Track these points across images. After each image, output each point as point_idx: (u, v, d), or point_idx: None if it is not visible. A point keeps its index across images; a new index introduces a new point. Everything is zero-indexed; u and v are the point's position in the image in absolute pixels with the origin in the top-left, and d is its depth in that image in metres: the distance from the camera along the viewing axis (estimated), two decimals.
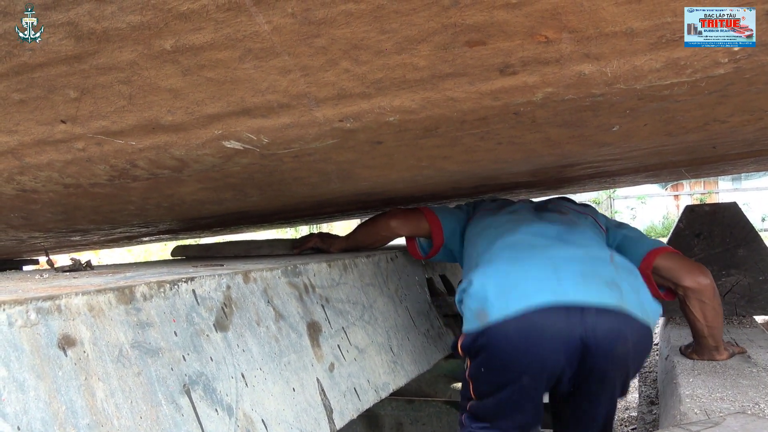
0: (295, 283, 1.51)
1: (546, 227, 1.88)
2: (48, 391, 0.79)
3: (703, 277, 1.98)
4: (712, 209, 3.44)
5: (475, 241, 1.98)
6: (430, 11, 0.80)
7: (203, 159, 1.24)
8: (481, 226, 2.05)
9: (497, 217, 2.05)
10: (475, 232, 2.05)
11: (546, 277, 1.59)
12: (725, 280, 3.26)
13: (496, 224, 1.99)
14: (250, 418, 1.13)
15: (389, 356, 1.83)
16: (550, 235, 1.83)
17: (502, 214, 2.06)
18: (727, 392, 1.89)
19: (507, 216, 2.04)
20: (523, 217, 2.00)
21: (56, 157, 1.22)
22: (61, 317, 0.86)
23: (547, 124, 1.20)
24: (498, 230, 1.92)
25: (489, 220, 2.07)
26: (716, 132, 1.45)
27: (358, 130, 1.12)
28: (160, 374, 0.98)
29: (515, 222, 1.95)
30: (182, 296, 1.11)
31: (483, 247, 1.87)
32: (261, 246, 2.40)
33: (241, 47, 0.88)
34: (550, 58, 0.90)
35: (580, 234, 1.87)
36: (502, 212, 2.08)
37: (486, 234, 1.94)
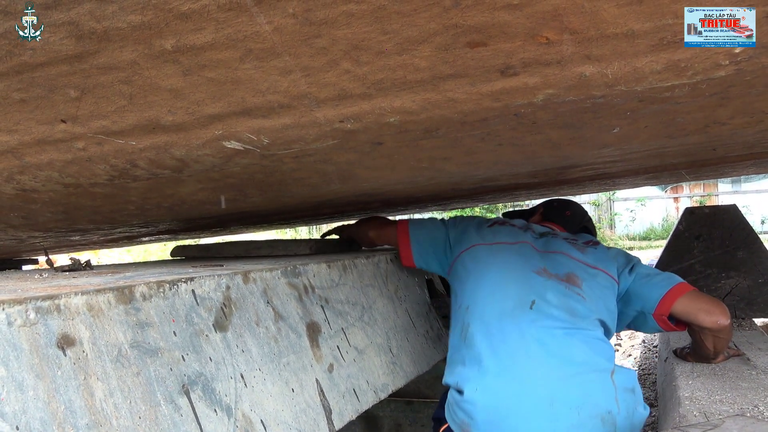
0: (294, 283, 1.51)
1: (548, 327, 1.71)
2: (47, 390, 0.79)
3: (723, 318, 1.91)
4: (712, 211, 3.45)
5: (466, 295, 1.86)
6: (432, 12, 0.80)
7: (203, 159, 1.24)
8: (475, 271, 1.90)
9: (493, 267, 1.88)
10: (467, 276, 1.91)
11: (541, 415, 1.55)
12: (724, 283, 3.26)
13: (490, 281, 1.84)
14: (249, 418, 1.12)
15: (388, 357, 1.83)
16: (550, 345, 1.68)
17: (499, 263, 1.90)
18: (726, 395, 1.89)
19: (504, 271, 1.87)
20: (522, 288, 1.82)
21: (56, 157, 1.22)
22: (61, 317, 0.85)
23: (548, 126, 1.20)
24: (493, 300, 1.79)
25: (483, 267, 1.90)
26: (716, 134, 1.45)
27: (359, 130, 1.12)
28: (159, 374, 0.98)
29: (514, 294, 1.79)
30: (182, 296, 1.11)
31: (474, 319, 1.77)
32: (260, 246, 2.41)
33: (242, 47, 0.88)
34: (551, 59, 0.90)
35: (584, 334, 1.73)
36: (500, 257, 1.91)
37: (479, 294, 1.83)
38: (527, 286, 1.81)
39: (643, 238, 16.88)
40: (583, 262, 1.97)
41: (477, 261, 1.92)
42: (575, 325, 1.73)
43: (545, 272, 1.87)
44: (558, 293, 1.80)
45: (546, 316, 1.73)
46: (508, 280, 1.83)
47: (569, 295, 1.82)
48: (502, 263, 1.89)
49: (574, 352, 1.67)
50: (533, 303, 1.76)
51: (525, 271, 1.86)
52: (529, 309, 1.75)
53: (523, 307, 1.75)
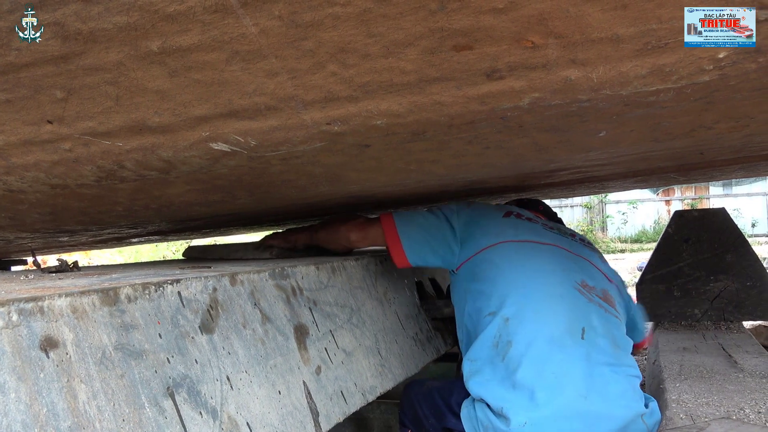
0: (282, 285, 1.51)
1: (597, 363, 1.64)
2: (29, 393, 0.79)
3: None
4: (701, 215, 3.47)
5: (504, 303, 1.72)
6: (417, 15, 0.80)
7: (191, 161, 1.24)
8: (509, 274, 1.77)
9: (534, 276, 1.76)
10: (498, 277, 1.77)
11: None
12: (713, 286, 3.28)
13: (535, 296, 1.72)
14: (234, 421, 1.12)
15: (377, 360, 1.83)
16: (599, 384, 1.61)
17: (539, 271, 1.77)
18: (713, 397, 1.90)
19: (547, 283, 1.75)
20: (571, 311, 1.71)
21: (43, 158, 1.22)
22: (44, 319, 0.85)
23: (535, 129, 1.21)
24: (540, 322, 1.67)
25: (519, 272, 1.77)
26: (703, 138, 1.46)
27: (346, 133, 1.12)
28: (143, 376, 0.97)
29: (563, 318, 1.68)
30: (167, 298, 1.10)
31: (518, 339, 1.65)
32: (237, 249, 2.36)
33: (228, 49, 0.88)
34: (536, 63, 0.90)
35: (625, 372, 1.68)
36: (536, 262, 1.80)
37: (524, 310, 1.70)
38: (575, 308, 1.72)
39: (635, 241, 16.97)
40: (604, 273, 1.93)
41: (509, 262, 1.80)
42: (619, 360, 1.69)
43: (586, 288, 1.79)
44: (601, 318, 1.74)
45: (595, 348, 1.66)
46: (554, 297, 1.73)
47: (610, 320, 1.76)
48: (542, 273, 1.78)
49: (619, 397, 1.62)
50: (583, 332, 1.68)
51: (568, 287, 1.76)
52: (580, 339, 1.66)
53: (573, 335, 1.67)
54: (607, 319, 1.75)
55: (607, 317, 1.75)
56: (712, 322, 3.26)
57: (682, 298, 3.33)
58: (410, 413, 1.93)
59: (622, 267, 11.35)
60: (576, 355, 1.63)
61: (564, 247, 1.88)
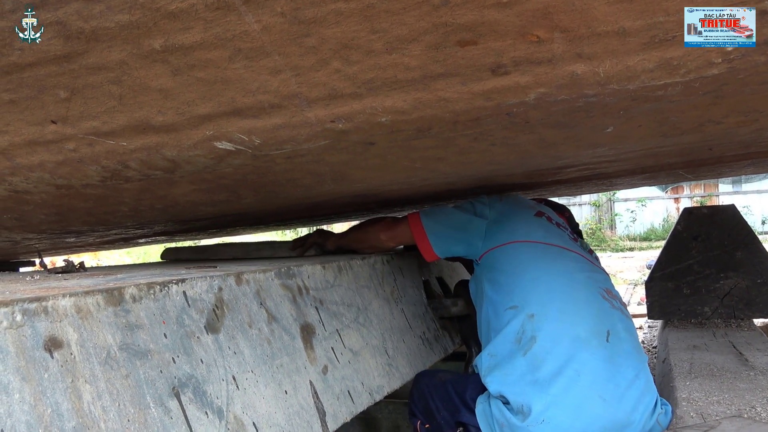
0: (288, 285, 1.50)
1: (621, 367, 1.63)
2: (33, 393, 0.78)
3: None
4: (710, 212, 3.44)
5: (528, 299, 1.73)
6: (421, 10, 0.79)
7: (195, 160, 1.23)
8: (533, 272, 1.78)
9: (558, 277, 1.77)
10: (523, 273, 1.79)
11: None
12: (723, 283, 3.26)
13: (560, 296, 1.72)
14: (240, 421, 1.12)
15: (384, 359, 1.82)
16: (622, 387, 1.61)
17: (563, 273, 1.78)
18: (723, 395, 1.88)
19: (572, 286, 1.75)
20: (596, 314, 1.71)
21: (47, 158, 1.22)
22: (48, 319, 0.85)
23: (541, 125, 1.20)
24: (565, 321, 1.67)
25: (543, 272, 1.78)
26: (712, 133, 1.45)
27: (350, 130, 1.11)
28: (148, 376, 0.97)
29: (589, 320, 1.68)
30: (172, 298, 1.10)
31: (543, 336, 1.65)
32: (261, 248, 2.39)
33: (231, 47, 0.87)
34: (542, 57, 0.89)
35: (647, 377, 1.69)
36: (561, 265, 1.80)
37: (548, 308, 1.70)
38: (600, 312, 1.73)
39: (644, 239, 16.89)
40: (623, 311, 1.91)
41: (535, 260, 1.81)
42: (641, 363, 1.69)
43: (610, 295, 1.81)
44: (624, 324, 1.75)
45: (620, 352, 1.67)
46: (579, 300, 1.73)
47: (629, 326, 1.78)
48: (568, 275, 1.79)
49: (638, 402, 1.61)
50: (608, 335, 1.68)
51: (593, 292, 1.77)
52: (605, 341, 1.66)
53: (599, 338, 1.66)
54: (628, 325, 1.77)
55: (628, 323, 1.78)
56: (723, 319, 3.24)
57: (691, 295, 3.31)
58: (421, 405, 1.92)
59: (631, 265, 11.30)
60: (600, 356, 1.62)
61: (585, 257, 1.91)
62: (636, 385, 1.62)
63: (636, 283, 9.27)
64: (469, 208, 2.01)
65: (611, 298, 1.79)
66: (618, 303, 1.80)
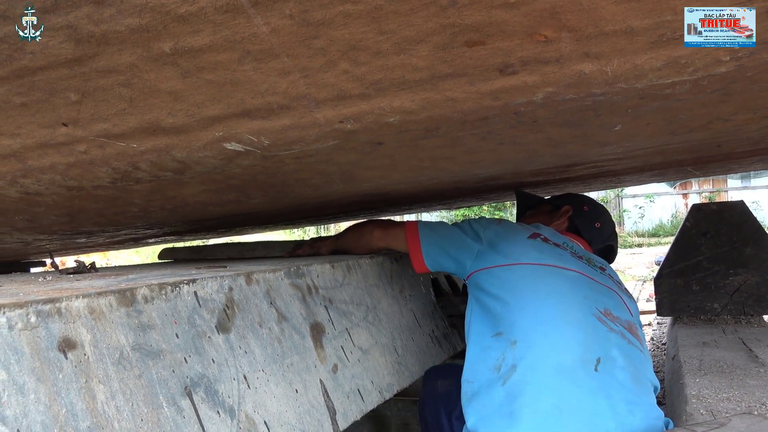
0: (298, 284, 1.51)
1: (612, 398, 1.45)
2: (48, 393, 0.79)
3: None
4: (719, 208, 3.42)
5: (513, 326, 1.59)
6: (428, 11, 0.80)
7: (205, 161, 1.24)
8: (522, 296, 1.64)
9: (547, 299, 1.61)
10: (511, 298, 1.64)
11: None
12: (732, 279, 3.24)
13: (545, 320, 1.57)
14: (252, 420, 1.13)
15: (393, 357, 1.82)
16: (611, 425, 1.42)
17: (554, 295, 1.63)
18: (733, 392, 1.88)
19: (561, 308, 1.59)
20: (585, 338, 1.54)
21: (58, 160, 1.23)
22: (62, 320, 0.86)
23: (549, 124, 1.20)
24: (549, 347, 1.52)
25: (532, 294, 1.64)
26: (720, 130, 1.44)
27: (359, 131, 1.12)
28: (161, 376, 0.98)
29: (576, 346, 1.52)
30: (184, 298, 1.11)
31: (524, 366, 1.50)
32: (255, 248, 2.43)
33: (240, 49, 0.88)
34: (549, 57, 0.89)
35: (645, 413, 1.49)
36: (553, 286, 1.65)
37: (532, 333, 1.55)
38: (592, 337, 1.55)
39: (652, 235, 16.84)
40: (629, 309, 1.76)
41: (524, 284, 1.67)
42: (638, 397, 1.49)
43: (609, 317, 1.63)
44: (622, 350, 1.56)
45: (612, 382, 1.48)
46: (568, 323, 1.56)
47: (633, 352, 1.58)
48: (558, 297, 1.63)
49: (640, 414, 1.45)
50: (598, 362, 1.50)
51: (586, 314, 1.59)
52: (593, 371, 1.48)
53: (586, 366, 1.49)
54: (630, 351, 1.58)
55: (630, 349, 1.58)
56: (732, 316, 3.23)
57: (701, 292, 3.30)
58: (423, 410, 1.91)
59: (640, 261, 11.27)
60: (586, 388, 1.45)
61: (588, 275, 1.74)
62: (630, 421, 1.43)
63: (645, 279, 9.25)
64: (467, 228, 1.91)
65: (610, 320, 1.62)
66: (619, 325, 1.63)
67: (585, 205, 2.11)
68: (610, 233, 2.12)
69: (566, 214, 2.09)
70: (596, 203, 2.16)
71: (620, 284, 1.87)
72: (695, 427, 1.36)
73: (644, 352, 1.63)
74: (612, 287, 1.76)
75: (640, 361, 1.58)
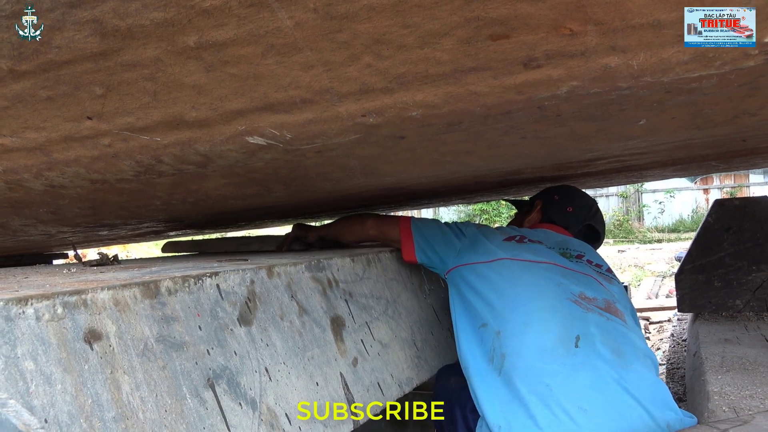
0: (318, 277, 1.52)
1: (598, 369, 1.53)
2: (74, 384, 0.80)
3: None
4: (742, 203, 3.38)
5: (496, 317, 1.68)
6: (453, 4, 0.79)
7: (227, 154, 1.25)
8: (500, 289, 1.73)
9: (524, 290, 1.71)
10: (491, 291, 1.74)
11: None
12: (755, 276, 3.20)
13: (523, 307, 1.66)
14: (273, 412, 1.13)
15: (413, 351, 1.83)
16: (606, 393, 1.49)
17: (530, 285, 1.72)
18: (756, 389, 1.86)
19: (537, 295, 1.69)
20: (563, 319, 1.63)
21: (83, 153, 1.24)
22: (88, 311, 0.87)
23: (572, 118, 1.19)
24: (529, 333, 1.60)
25: (509, 285, 1.73)
26: (746, 125, 1.42)
27: (381, 125, 1.12)
28: (184, 368, 0.99)
29: (554, 327, 1.61)
30: (206, 291, 1.12)
31: (510, 352, 1.58)
32: (251, 242, 2.48)
33: (264, 43, 0.88)
34: (575, 51, 0.88)
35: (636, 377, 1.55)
36: (528, 277, 1.75)
37: (512, 322, 1.64)
38: (568, 318, 1.64)
39: (672, 230, 16.67)
40: (608, 289, 1.84)
41: (501, 277, 1.77)
42: (623, 367, 1.55)
43: (585, 300, 1.72)
44: (600, 326, 1.65)
45: (595, 356, 1.56)
46: (544, 309, 1.66)
47: (613, 326, 1.66)
48: (533, 287, 1.73)
49: (623, 404, 1.49)
50: (578, 339, 1.60)
51: (561, 299, 1.69)
52: (574, 347, 1.58)
53: (566, 345, 1.58)
54: (609, 326, 1.66)
55: (610, 324, 1.66)
56: (755, 312, 3.19)
57: (723, 288, 3.26)
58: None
59: (660, 257, 11.17)
60: (570, 365, 1.53)
61: (561, 265, 1.84)
62: (616, 390, 1.49)
63: (664, 275, 9.17)
64: (453, 228, 2.04)
65: (586, 302, 1.70)
66: (595, 305, 1.70)
67: (555, 195, 2.26)
68: (585, 215, 2.22)
69: (537, 208, 2.24)
70: (568, 189, 2.30)
71: (600, 267, 1.97)
72: (718, 424, 1.34)
73: (627, 326, 1.71)
74: (587, 272, 1.86)
75: (621, 335, 1.66)
